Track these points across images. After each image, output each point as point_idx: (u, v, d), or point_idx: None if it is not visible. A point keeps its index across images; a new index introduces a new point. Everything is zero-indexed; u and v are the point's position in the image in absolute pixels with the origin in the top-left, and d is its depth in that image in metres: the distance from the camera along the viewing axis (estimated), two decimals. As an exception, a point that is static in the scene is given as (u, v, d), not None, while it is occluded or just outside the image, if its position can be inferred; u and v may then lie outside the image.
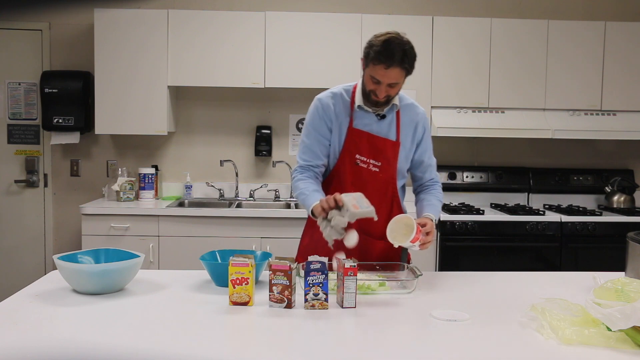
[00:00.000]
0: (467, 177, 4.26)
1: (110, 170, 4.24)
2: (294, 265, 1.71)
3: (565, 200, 4.29)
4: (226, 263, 1.76)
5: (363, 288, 1.85)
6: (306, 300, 1.69)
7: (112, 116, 3.90)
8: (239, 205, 4.04)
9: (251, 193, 4.21)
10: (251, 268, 1.70)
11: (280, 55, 3.89)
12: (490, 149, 4.36)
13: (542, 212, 3.85)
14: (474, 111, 3.97)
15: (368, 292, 1.85)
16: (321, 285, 1.69)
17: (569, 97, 3.99)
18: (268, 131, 4.23)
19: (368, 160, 2.11)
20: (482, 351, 1.41)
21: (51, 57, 4.21)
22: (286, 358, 1.37)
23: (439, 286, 1.99)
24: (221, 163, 4.17)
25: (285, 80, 3.92)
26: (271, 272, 1.68)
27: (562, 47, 3.97)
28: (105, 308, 1.66)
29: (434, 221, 2.07)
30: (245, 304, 1.70)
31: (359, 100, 2.11)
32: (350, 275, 1.69)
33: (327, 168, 2.19)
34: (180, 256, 3.61)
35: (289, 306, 1.68)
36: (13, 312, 1.61)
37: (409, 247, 1.94)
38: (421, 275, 1.93)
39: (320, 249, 2.03)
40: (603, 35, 3.98)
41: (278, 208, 3.99)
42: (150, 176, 4.00)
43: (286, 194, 4.27)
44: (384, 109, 2.12)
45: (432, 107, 3.91)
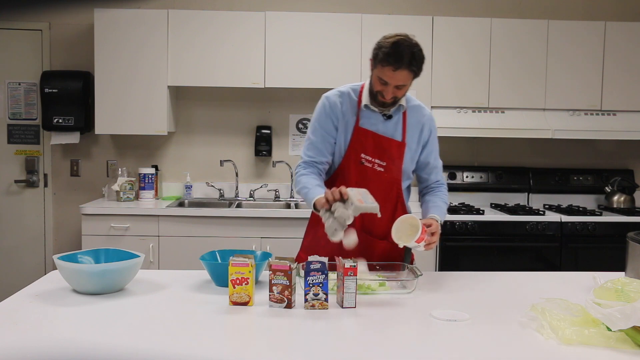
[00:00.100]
0: (467, 177, 4.26)
1: (110, 170, 4.25)
2: (294, 265, 1.71)
3: (565, 200, 4.29)
4: (226, 263, 1.76)
5: (363, 288, 1.85)
6: (306, 300, 1.69)
7: (112, 116, 3.90)
8: (239, 205, 4.04)
9: (251, 193, 4.21)
10: (251, 268, 1.70)
11: (280, 55, 3.89)
12: (490, 149, 4.36)
13: (542, 212, 3.86)
14: (474, 111, 3.97)
15: (368, 292, 1.85)
16: (321, 285, 1.69)
17: (569, 97, 3.99)
18: (268, 131, 4.23)
19: (373, 159, 2.11)
20: (482, 351, 1.41)
21: (51, 57, 4.21)
22: (286, 358, 1.37)
23: (439, 286, 1.99)
24: (221, 163, 4.17)
25: (285, 80, 3.92)
26: (271, 272, 1.68)
27: (562, 47, 3.98)
28: (105, 308, 1.66)
29: (439, 222, 2.07)
30: (245, 304, 1.70)
31: (366, 99, 2.10)
32: (350, 275, 1.69)
33: (332, 166, 2.18)
34: (180, 256, 3.61)
35: (289, 306, 1.68)
36: (13, 312, 1.61)
37: (414, 248, 1.94)
38: (421, 275, 1.93)
39: (323, 246, 2.04)
40: (603, 35, 3.98)
41: (278, 208, 3.99)
42: (150, 176, 4.01)
43: (286, 194, 4.27)
44: (391, 110, 2.12)
45: (432, 107, 3.91)
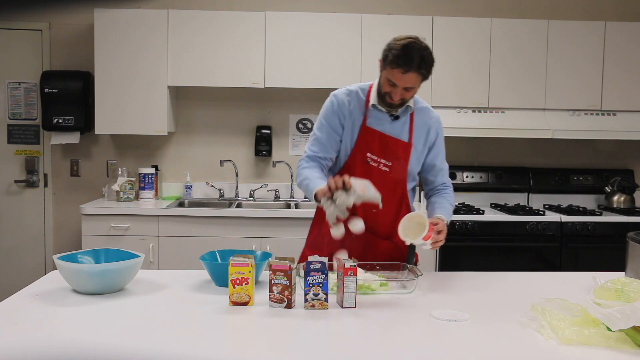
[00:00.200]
0: (467, 177, 4.26)
1: (110, 170, 4.25)
2: (294, 265, 1.71)
3: (565, 200, 4.29)
4: (226, 263, 1.76)
5: (363, 288, 1.85)
6: (306, 300, 1.69)
7: (112, 116, 3.90)
8: (239, 205, 4.04)
9: (251, 193, 4.21)
10: (251, 268, 1.70)
11: (280, 55, 3.89)
12: (490, 149, 4.36)
13: (542, 212, 3.85)
14: (474, 111, 3.97)
15: (368, 292, 1.85)
16: (321, 285, 1.69)
17: (569, 97, 3.99)
18: (268, 131, 4.23)
19: (379, 159, 2.11)
20: (482, 351, 1.41)
21: (51, 57, 4.21)
22: (286, 358, 1.37)
23: (439, 286, 1.99)
24: (221, 163, 4.17)
25: (285, 80, 3.92)
26: (271, 272, 1.68)
27: (562, 47, 3.97)
28: (105, 308, 1.66)
29: (446, 222, 2.08)
30: (245, 304, 1.70)
31: (374, 99, 2.11)
32: (350, 275, 1.69)
33: (338, 164, 2.18)
34: (180, 256, 3.61)
35: (289, 306, 1.68)
36: (13, 312, 1.61)
37: (420, 245, 1.94)
38: (421, 275, 1.93)
39: (327, 243, 2.07)
40: (603, 35, 3.98)
41: (278, 208, 3.99)
42: (150, 176, 4.01)
43: (286, 194, 4.27)
44: (398, 110, 2.12)
45: (432, 107, 3.88)
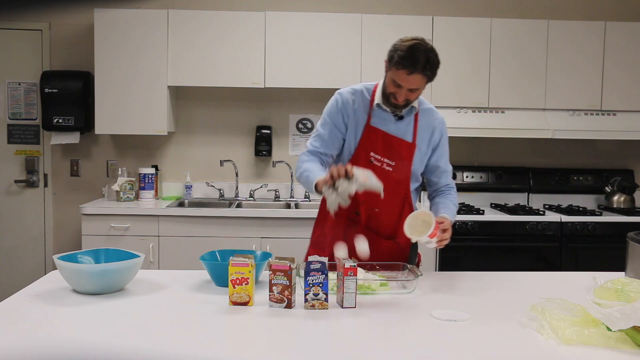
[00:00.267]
0: (467, 177, 4.25)
1: (110, 170, 4.24)
2: (294, 265, 1.72)
3: (565, 200, 4.29)
4: (226, 263, 1.76)
5: (363, 288, 1.85)
6: (306, 300, 1.69)
7: (112, 116, 3.90)
8: (239, 205, 4.04)
9: (251, 193, 4.21)
10: (251, 268, 1.70)
11: (280, 55, 3.89)
12: (490, 149, 4.36)
13: (542, 212, 3.85)
14: (474, 111, 3.97)
15: (368, 292, 1.85)
16: (321, 285, 1.69)
17: (569, 97, 3.99)
18: (268, 131, 4.23)
19: (382, 159, 2.12)
20: (482, 351, 1.41)
21: (51, 57, 4.21)
22: (286, 358, 1.37)
23: (439, 286, 1.99)
24: (221, 163, 4.17)
25: (285, 80, 3.92)
26: (271, 272, 1.68)
27: (562, 47, 3.97)
28: (105, 308, 1.66)
29: (451, 222, 2.09)
30: (245, 304, 1.70)
31: (379, 99, 2.12)
32: (350, 275, 1.69)
33: (341, 163, 2.18)
34: (180, 256, 3.61)
35: (289, 306, 1.68)
36: (13, 312, 1.61)
37: (426, 243, 1.93)
38: (421, 275, 1.93)
39: (329, 242, 2.09)
40: (603, 35, 3.98)
41: (278, 208, 3.99)
42: (150, 176, 4.00)
43: (286, 194, 4.27)
44: (402, 111, 2.13)
45: (432, 107, 3.90)
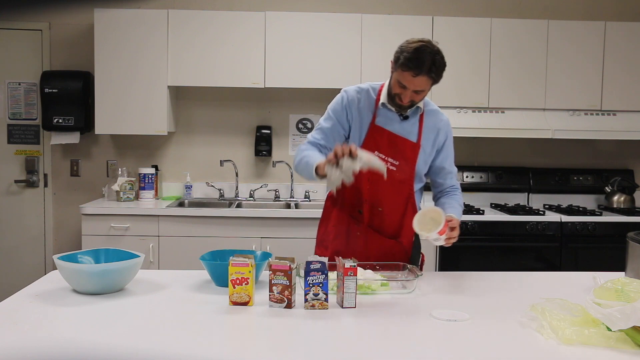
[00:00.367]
0: (467, 177, 4.25)
1: (110, 170, 4.24)
2: (294, 265, 1.72)
3: (565, 200, 4.29)
4: (226, 263, 1.76)
5: (363, 288, 1.85)
6: (306, 300, 1.69)
7: (112, 116, 3.90)
8: (239, 205, 4.04)
9: (251, 193, 4.21)
10: (251, 268, 1.70)
11: (280, 55, 3.89)
12: (490, 149, 4.36)
13: (542, 212, 3.85)
14: (474, 111, 3.97)
15: (368, 292, 1.85)
16: (321, 285, 1.69)
17: (569, 97, 3.99)
18: (268, 131, 4.23)
19: (386, 158, 2.11)
20: (482, 351, 1.41)
21: (51, 57, 4.21)
22: (286, 358, 1.37)
23: (439, 286, 1.99)
24: (221, 163, 4.17)
25: (285, 80, 3.92)
26: (271, 272, 1.68)
27: (562, 47, 3.97)
28: (105, 308, 1.66)
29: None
30: (245, 304, 1.70)
31: (384, 99, 2.12)
32: (350, 275, 1.69)
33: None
34: (180, 256, 3.61)
35: (289, 306, 1.68)
36: (13, 312, 1.61)
37: (434, 240, 1.93)
38: (421, 275, 1.93)
39: (331, 241, 2.12)
40: (603, 35, 3.98)
41: (278, 208, 3.99)
42: (150, 176, 4.00)
43: (286, 194, 4.27)
44: (407, 111, 2.13)
45: (432, 107, 3.90)
